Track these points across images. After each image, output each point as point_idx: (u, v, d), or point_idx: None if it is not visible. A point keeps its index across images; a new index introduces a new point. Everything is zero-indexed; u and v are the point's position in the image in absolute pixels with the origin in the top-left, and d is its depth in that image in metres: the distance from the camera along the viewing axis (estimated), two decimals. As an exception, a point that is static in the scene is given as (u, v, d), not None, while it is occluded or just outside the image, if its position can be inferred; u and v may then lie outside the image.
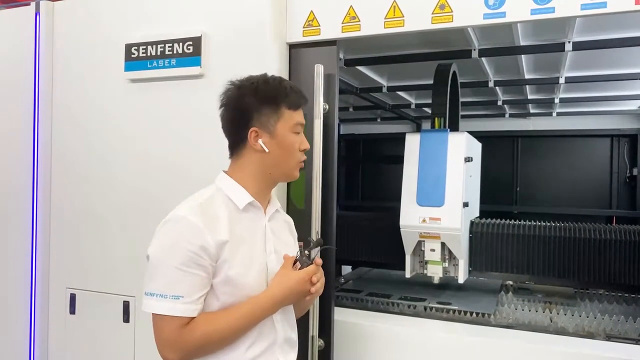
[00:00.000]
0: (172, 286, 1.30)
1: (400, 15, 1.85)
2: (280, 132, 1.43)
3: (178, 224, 1.33)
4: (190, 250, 1.30)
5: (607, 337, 1.97)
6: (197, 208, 1.36)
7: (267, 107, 1.41)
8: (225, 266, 1.34)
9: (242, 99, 1.41)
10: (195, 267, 1.30)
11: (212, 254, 1.32)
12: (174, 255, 1.30)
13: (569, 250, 2.29)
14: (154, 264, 1.33)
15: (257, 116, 1.41)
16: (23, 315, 2.46)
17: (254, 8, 2.03)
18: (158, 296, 1.30)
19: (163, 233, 1.34)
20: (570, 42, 2.34)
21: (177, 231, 1.32)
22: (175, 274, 1.30)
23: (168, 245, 1.32)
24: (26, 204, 2.45)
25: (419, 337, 2.02)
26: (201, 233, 1.31)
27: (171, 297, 1.29)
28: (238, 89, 1.43)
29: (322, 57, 1.98)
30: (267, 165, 1.45)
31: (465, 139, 2.32)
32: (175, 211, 1.37)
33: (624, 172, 4.36)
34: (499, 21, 1.73)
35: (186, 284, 1.30)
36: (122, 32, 2.26)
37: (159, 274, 1.32)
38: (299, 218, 2.02)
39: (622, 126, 4.36)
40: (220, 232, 1.35)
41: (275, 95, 1.42)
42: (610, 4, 1.59)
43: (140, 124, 2.26)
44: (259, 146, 1.41)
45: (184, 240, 1.30)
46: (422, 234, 2.31)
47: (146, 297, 1.33)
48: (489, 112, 4.47)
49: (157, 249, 1.34)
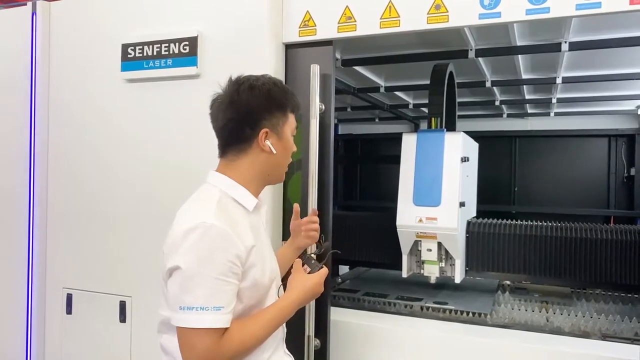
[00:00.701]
0: (213, 297, 1.25)
1: (396, 16, 1.85)
2: (286, 135, 1.47)
3: (209, 232, 1.27)
4: (228, 260, 1.27)
5: (603, 336, 1.98)
6: (219, 213, 1.32)
7: (278, 109, 1.43)
8: (252, 270, 1.34)
9: (255, 99, 1.40)
10: (232, 276, 1.28)
11: (243, 260, 1.31)
12: (212, 265, 1.26)
13: (565, 250, 2.29)
14: (189, 276, 1.26)
15: (268, 117, 1.41)
16: (20, 315, 2.46)
17: (251, 8, 2.03)
18: (199, 309, 1.24)
19: (193, 242, 1.27)
20: (566, 42, 2.34)
21: (211, 240, 1.27)
22: (215, 284, 1.25)
23: (204, 255, 1.26)
24: (23, 204, 2.45)
25: (416, 336, 2.02)
26: (234, 241, 1.29)
27: (213, 308, 1.25)
28: (250, 89, 1.40)
29: (318, 57, 1.98)
30: (270, 166, 1.46)
31: (461, 139, 2.33)
32: (195, 217, 1.30)
33: (622, 172, 4.37)
34: (494, 21, 1.73)
35: (226, 294, 1.27)
36: (119, 32, 2.27)
37: (198, 285, 1.25)
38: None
39: (619, 126, 4.37)
40: (246, 237, 1.34)
41: (285, 99, 1.45)
42: (605, 4, 1.60)
43: (137, 124, 2.26)
44: (267, 147, 1.42)
45: (221, 249, 1.27)
46: (418, 233, 2.31)
47: (182, 312, 1.26)
48: (487, 112, 4.47)
49: (191, 259, 1.26)
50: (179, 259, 1.27)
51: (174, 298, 1.28)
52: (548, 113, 4.42)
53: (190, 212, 1.34)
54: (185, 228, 1.28)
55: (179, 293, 1.27)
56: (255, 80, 1.43)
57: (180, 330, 1.26)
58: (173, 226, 1.34)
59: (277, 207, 2.06)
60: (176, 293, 1.28)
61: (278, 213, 2.07)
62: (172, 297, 1.29)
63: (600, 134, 4.41)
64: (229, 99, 1.41)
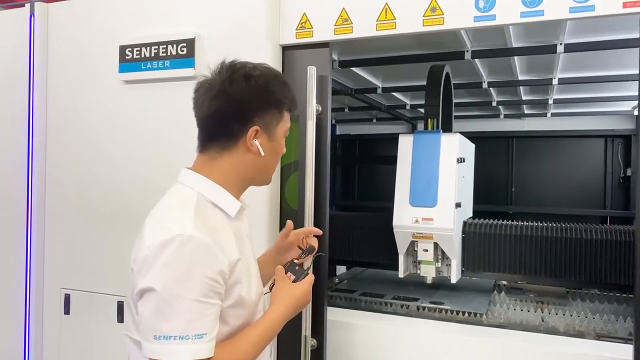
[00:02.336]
0: (194, 324, 1.07)
1: (392, 18, 1.86)
2: (278, 135, 1.31)
3: (187, 245, 1.09)
4: (210, 277, 1.10)
5: (597, 336, 1.99)
6: (198, 222, 1.13)
7: (273, 107, 1.27)
8: (237, 288, 1.19)
9: (248, 91, 1.23)
10: (214, 297, 1.11)
11: (226, 277, 1.14)
12: (191, 285, 1.07)
13: (561, 250, 2.30)
14: (166, 299, 1.07)
15: (261, 114, 1.25)
16: (18, 315, 2.46)
17: (247, 10, 2.04)
18: (178, 338, 1.06)
19: (169, 258, 1.08)
20: (562, 44, 2.36)
21: (189, 255, 1.09)
22: (196, 308, 1.08)
23: (181, 274, 1.08)
24: (21, 205, 2.46)
25: (412, 336, 2.04)
26: (216, 255, 1.12)
27: (194, 337, 1.07)
28: (245, 79, 1.23)
29: (315, 58, 2.00)
30: (255, 169, 1.30)
31: (457, 140, 2.34)
32: (169, 228, 1.11)
33: (618, 173, 4.39)
34: (489, 24, 1.75)
35: (209, 319, 1.10)
36: (116, 34, 2.27)
37: (175, 311, 1.07)
38: (292, 218, 2.03)
39: (616, 127, 4.39)
40: (231, 250, 1.18)
41: (283, 96, 1.29)
42: (598, 7, 1.61)
43: (135, 125, 2.27)
44: (255, 147, 1.25)
45: (202, 266, 1.09)
46: (415, 234, 2.32)
47: (158, 342, 1.07)
48: (484, 113, 4.49)
49: (167, 279, 1.07)
50: (152, 279, 1.08)
51: (148, 324, 1.09)
52: (545, 114, 4.44)
53: (164, 222, 1.16)
54: (160, 241, 1.10)
55: (153, 319, 1.08)
56: (253, 68, 1.25)
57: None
58: (143, 237, 1.15)
59: (274, 209, 2.06)
60: (150, 319, 1.09)
61: (275, 215, 2.07)
62: (145, 323, 1.10)
63: (596, 135, 4.43)
64: (219, 87, 1.22)
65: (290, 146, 2.04)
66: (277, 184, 2.06)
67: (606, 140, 4.43)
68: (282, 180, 2.06)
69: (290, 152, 2.04)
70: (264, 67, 1.29)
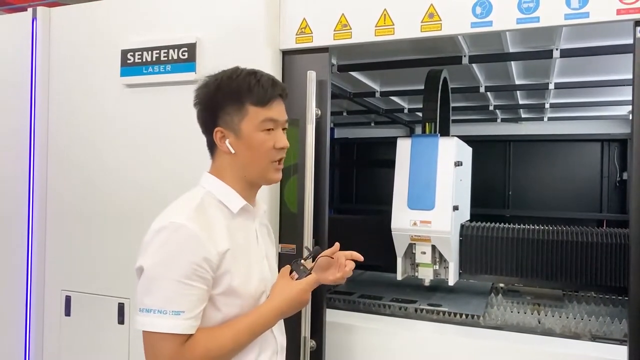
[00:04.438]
0: (173, 301, 1.18)
1: (391, 24, 1.89)
2: (246, 131, 1.31)
3: (176, 232, 1.21)
4: (194, 262, 1.19)
5: (593, 337, 2.01)
6: (192, 214, 1.25)
7: (231, 104, 1.31)
8: (227, 277, 1.26)
9: (208, 96, 1.33)
10: (197, 280, 1.20)
11: (213, 265, 1.23)
12: (175, 267, 1.19)
13: (557, 253, 2.32)
14: (151, 277, 1.21)
15: (221, 115, 1.31)
16: (18, 317, 2.48)
17: (248, 15, 2.07)
18: (157, 312, 1.18)
19: (159, 243, 1.22)
20: (557, 50, 2.39)
21: (177, 241, 1.21)
22: (177, 287, 1.18)
23: (168, 256, 1.21)
24: (22, 207, 2.47)
25: (410, 338, 2.06)
26: (203, 243, 1.21)
27: (171, 312, 1.18)
28: (205, 87, 1.34)
29: (315, 63, 2.02)
30: (239, 168, 1.35)
31: (455, 143, 2.36)
32: (167, 217, 1.25)
33: (614, 176, 4.43)
34: (486, 30, 1.78)
35: (188, 299, 1.19)
36: (118, 38, 2.29)
37: (158, 287, 1.19)
38: (292, 221, 2.07)
39: (612, 131, 4.43)
40: (221, 241, 1.26)
41: (238, 92, 1.30)
42: (593, 14, 1.64)
43: (136, 128, 2.29)
44: (225, 147, 1.32)
45: (187, 251, 1.20)
46: (413, 236, 2.35)
47: (142, 314, 1.20)
48: (482, 117, 4.52)
49: (154, 260, 1.21)
50: (144, 259, 1.23)
51: (138, 298, 1.23)
52: (542, 118, 4.48)
53: (166, 213, 1.29)
54: (156, 228, 1.24)
55: (140, 294, 1.22)
56: (215, 74, 1.35)
57: (143, 332, 1.21)
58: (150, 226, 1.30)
59: (273, 212, 2.08)
60: (139, 294, 1.23)
61: (274, 218, 2.09)
62: (137, 298, 1.23)
63: (593, 139, 4.47)
64: (194, 100, 1.36)
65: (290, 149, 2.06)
66: (277, 187, 2.09)
67: (602, 144, 4.47)
68: (282, 183, 2.08)
69: (289, 156, 2.06)
70: (228, 69, 1.36)
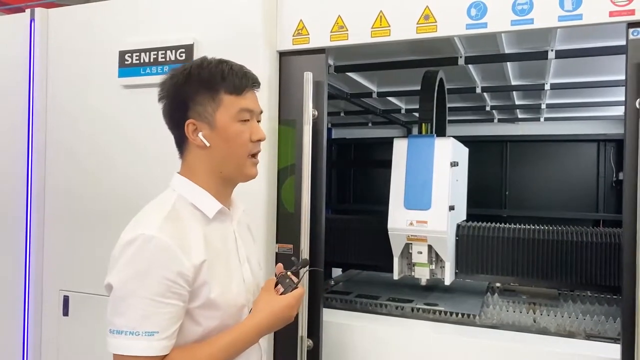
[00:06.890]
0: (146, 321, 1.10)
1: (387, 25, 1.91)
2: (221, 122, 1.23)
3: (147, 245, 1.11)
4: (167, 278, 1.11)
5: (587, 336, 2.03)
6: (164, 223, 1.15)
7: (203, 94, 1.22)
8: (204, 289, 1.18)
9: (176, 87, 1.24)
10: (171, 297, 1.12)
11: (189, 279, 1.14)
12: (147, 284, 1.10)
13: (553, 252, 2.34)
14: (121, 296, 1.12)
15: (192, 106, 1.23)
16: (16, 317, 2.48)
17: (245, 17, 2.08)
18: (128, 333, 1.10)
19: (129, 257, 1.12)
20: (553, 51, 2.41)
21: (148, 254, 1.11)
22: (149, 306, 1.10)
23: (138, 272, 1.11)
24: (20, 207, 2.48)
25: (406, 337, 2.07)
26: (176, 256, 1.12)
27: (144, 333, 1.10)
28: (171, 78, 1.25)
29: (312, 64, 2.03)
30: (215, 163, 1.26)
31: (451, 144, 2.38)
32: (137, 228, 1.15)
33: (611, 177, 4.44)
34: (480, 31, 1.79)
35: (162, 317, 1.11)
36: (116, 39, 2.30)
37: (128, 306, 1.11)
38: (289, 221, 2.08)
39: (608, 131, 4.44)
40: (196, 251, 1.17)
41: (210, 80, 1.23)
42: (586, 16, 1.66)
43: (134, 128, 2.30)
44: (199, 140, 1.23)
45: (159, 266, 1.11)
46: (409, 236, 2.36)
47: (112, 335, 1.13)
48: (478, 117, 4.54)
49: (124, 277, 1.12)
50: (113, 276, 1.15)
51: (107, 318, 1.15)
52: (538, 118, 4.49)
53: (136, 222, 1.20)
54: (126, 240, 1.15)
55: (110, 314, 1.14)
56: (182, 66, 1.27)
57: (113, 355, 1.14)
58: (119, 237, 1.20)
59: (270, 212, 2.09)
60: (108, 313, 1.15)
61: (272, 219, 2.10)
62: (107, 318, 1.15)
63: (589, 139, 4.48)
64: (159, 94, 1.27)
65: (287, 150, 2.08)
66: (274, 188, 2.10)
67: (599, 144, 4.48)
68: (279, 183, 2.10)
69: (286, 156, 2.08)
70: (196, 59, 1.29)
